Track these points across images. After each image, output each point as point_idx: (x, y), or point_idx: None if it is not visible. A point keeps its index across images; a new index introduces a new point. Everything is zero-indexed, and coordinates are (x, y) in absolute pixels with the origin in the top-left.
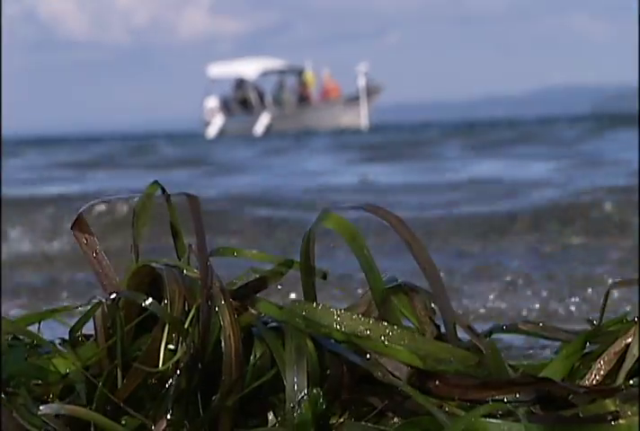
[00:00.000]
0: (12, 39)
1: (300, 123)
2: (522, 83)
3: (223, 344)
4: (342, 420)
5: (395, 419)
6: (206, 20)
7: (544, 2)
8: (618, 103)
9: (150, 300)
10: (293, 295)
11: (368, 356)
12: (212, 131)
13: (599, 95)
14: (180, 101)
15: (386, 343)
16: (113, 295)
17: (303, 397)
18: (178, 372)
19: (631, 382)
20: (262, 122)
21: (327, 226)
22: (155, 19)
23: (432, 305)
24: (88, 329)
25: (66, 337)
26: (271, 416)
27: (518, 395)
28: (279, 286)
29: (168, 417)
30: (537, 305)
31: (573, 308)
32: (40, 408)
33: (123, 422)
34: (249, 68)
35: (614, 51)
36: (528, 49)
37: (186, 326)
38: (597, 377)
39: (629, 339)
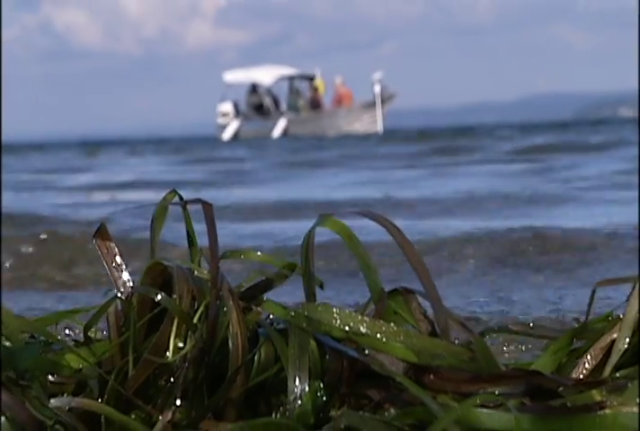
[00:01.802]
0: (29, 49)
1: (316, 128)
2: (510, 91)
3: (230, 340)
4: (340, 413)
5: (392, 411)
6: (211, 31)
7: (531, 14)
8: (600, 110)
9: (160, 295)
10: None
11: (366, 352)
12: (227, 135)
13: (582, 102)
14: (187, 107)
15: (383, 340)
16: (127, 291)
17: (304, 390)
18: (186, 364)
19: (617, 374)
20: (280, 126)
21: (325, 228)
22: (163, 30)
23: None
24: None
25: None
26: (273, 408)
27: (509, 388)
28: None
29: (177, 403)
30: None
31: None
32: (51, 400)
33: (133, 416)
34: (264, 74)
35: (596, 60)
36: (516, 59)
37: (195, 321)
38: (584, 371)
39: (614, 335)
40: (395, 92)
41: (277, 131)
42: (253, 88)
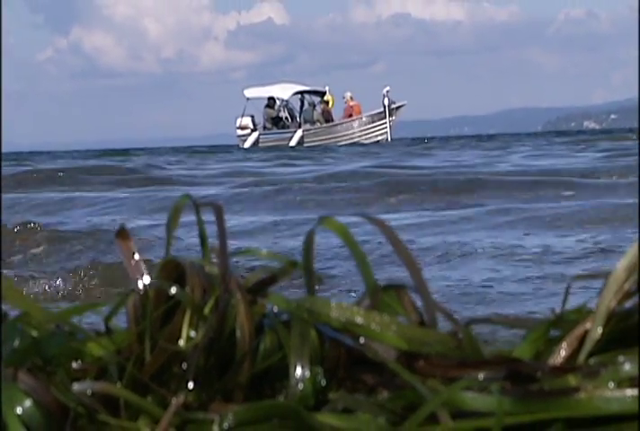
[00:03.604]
0: (61, 67)
1: (330, 138)
2: (487, 106)
3: (237, 330)
4: (338, 396)
5: (385, 394)
6: (223, 52)
7: (505, 38)
8: (567, 123)
9: (174, 288)
10: None
11: (361, 340)
12: (248, 144)
13: (550, 116)
14: (201, 120)
15: (378, 329)
16: (144, 285)
17: (305, 375)
18: (197, 351)
19: (591, 361)
20: (296, 137)
21: (325, 227)
22: (181, 51)
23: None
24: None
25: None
26: (277, 391)
27: (491, 373)
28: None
29: (189, 387)
30: None
31: None
32: (74, 385)
33: (149, 399)
34: (281, 90)
35: (563, 80)
36: (493, 77)
37: (205, 312)
38: (560, 358)
39: (588, 325)
40: (402, 104)
41: (293, 141)
42: (270, 102)
